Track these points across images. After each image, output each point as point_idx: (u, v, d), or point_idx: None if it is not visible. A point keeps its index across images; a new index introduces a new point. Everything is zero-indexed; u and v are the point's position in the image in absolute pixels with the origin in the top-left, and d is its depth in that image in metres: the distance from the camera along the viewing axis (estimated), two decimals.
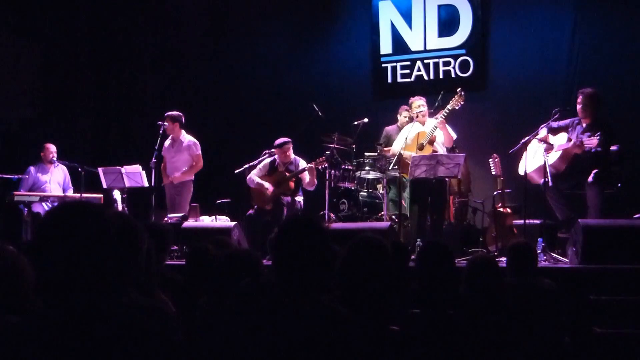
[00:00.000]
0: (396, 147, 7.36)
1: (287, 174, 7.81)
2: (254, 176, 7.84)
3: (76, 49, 10.74)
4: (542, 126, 6.79)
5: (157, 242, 3.46)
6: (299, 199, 7.88)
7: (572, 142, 6.51)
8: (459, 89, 7.10)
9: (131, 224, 2.16)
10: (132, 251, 2.03)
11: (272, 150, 7.90)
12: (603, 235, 5.82)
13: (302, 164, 7.81)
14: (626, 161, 7.07)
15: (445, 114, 7.01)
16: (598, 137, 6.31)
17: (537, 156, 6.71)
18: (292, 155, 7.90)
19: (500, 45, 9.23)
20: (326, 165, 7.74)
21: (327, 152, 7.89)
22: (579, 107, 6.67)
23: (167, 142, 8.48)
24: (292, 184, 7.75)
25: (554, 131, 6.82)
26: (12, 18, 10.01)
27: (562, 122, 6.80)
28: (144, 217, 8.15)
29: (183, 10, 10.74)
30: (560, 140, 6.69)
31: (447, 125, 7.09)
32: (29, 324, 1.75)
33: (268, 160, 7.92)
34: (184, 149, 8.43)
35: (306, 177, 7.75)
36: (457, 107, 7.03)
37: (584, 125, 6.70)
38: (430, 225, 7.08)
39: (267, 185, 7.77)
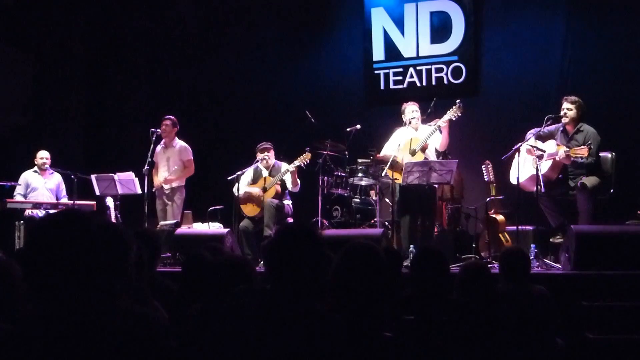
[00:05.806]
0: (388, 152, 7.37)
1: (270, 178, 7.84)
2: (241, 185, 7.83)
3: (68, 56, 10.71)
4: (530, 132, 6.83)
5: (148, 249, 3.46)
6: (287, 202, 7.89)
7: (561, 153, 6.54)
8: (458, 101, 7.12)
9: (119, 232, 2.14)
10: (121, 259, 2.02)
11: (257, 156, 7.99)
12: (596, 241, 5.82)
13: (284, 167, 7.85)
14: (619, 168, 7.10)
15: (442, 124, 7.02)
16: (588, 147, 6.35)
17: (528, 164, 6.72)
18: (274, 160, 7.99)
19: (493, 52, 9.25)
20: (308, 161, 7.71)
21: (307, 149, 7.86)
22: (562, 113, 6.77)
23: (159, 147, 8.55)
24: (278, 188, 7.77)
25: (542, 138, 6.86)
26: (3, 26, 9.99)
27: (546, 129, 6.83)
28: (137, 224, 8.12)
29: (176, 18, 10.73)
30: (550, 148, 6.71)
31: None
32: (19, 332, 1.74)
33: (251, 168, 7.94)
34: (176, 153, 8.51)
35: (288, 179, 7.77)
36: (454, 118, 7.05)
37: (568, 131, 6.80)
38: (421, 231, 7.09)
39: (255, 190, 7.79)
